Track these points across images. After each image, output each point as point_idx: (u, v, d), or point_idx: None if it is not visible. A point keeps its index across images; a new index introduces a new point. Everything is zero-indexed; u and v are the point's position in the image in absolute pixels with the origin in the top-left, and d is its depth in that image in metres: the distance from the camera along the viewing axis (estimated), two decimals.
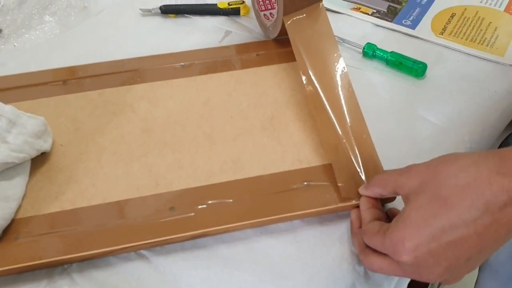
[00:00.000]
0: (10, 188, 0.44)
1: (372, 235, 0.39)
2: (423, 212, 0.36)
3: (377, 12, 0.66)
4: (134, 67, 0.57)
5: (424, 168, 0.38)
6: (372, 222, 0.41)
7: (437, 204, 0.35)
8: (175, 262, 0.42)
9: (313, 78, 0.51)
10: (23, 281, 0.41)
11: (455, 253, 0.35)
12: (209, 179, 0.46)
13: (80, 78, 0.56)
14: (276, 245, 0.43)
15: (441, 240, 0.35)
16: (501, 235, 0.35)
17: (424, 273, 0.37)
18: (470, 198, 0.34)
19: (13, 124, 0.46)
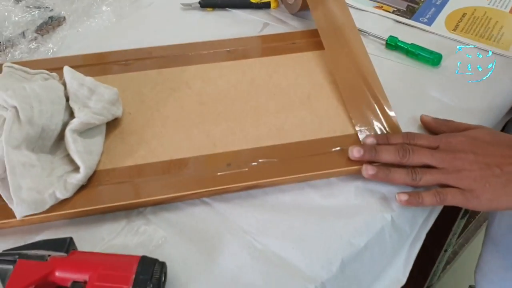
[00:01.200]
0: (93, 145, 0.52)
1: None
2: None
3: (397, 10, 0.75)
4: (185, 52, 0.65)
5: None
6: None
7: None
8: (234, 208, 0.50)
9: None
10: (106, 221, 0.49)
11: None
12: (258, 142, 0.55)
13: (140, 59, 0.64)
14: (316, 197, 0.51)
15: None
16: None
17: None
18: None
19: (93, 92, 0.54)
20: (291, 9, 0.73)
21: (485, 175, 0.48)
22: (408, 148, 0.51)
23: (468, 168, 0.49)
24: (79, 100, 0.53)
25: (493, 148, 0.50)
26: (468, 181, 0.49)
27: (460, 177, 0.49)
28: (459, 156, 0.50)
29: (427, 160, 0.50)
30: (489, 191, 0.48)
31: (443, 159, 0.50)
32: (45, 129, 0.50)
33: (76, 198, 0.49)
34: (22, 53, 0.65)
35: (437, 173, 0.50)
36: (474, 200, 0.48)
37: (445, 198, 0.49)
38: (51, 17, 0.70)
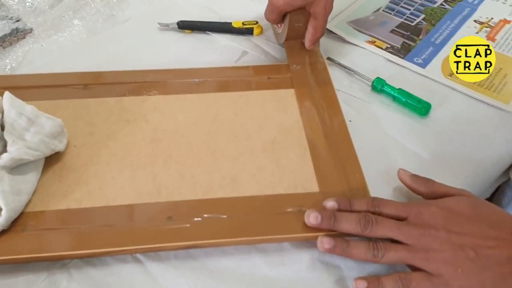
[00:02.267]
0: (23, 183, 0.47)
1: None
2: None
3: (391, 47, 0.68)
4: (152, 79, 0.60)
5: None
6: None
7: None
8: (167, 270, 0.45)
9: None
10: (25, 271, 0.44)
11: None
12: (207, 193, 0.49)
13: (100, 84, 0.59)
14: (263, 265, 0.45)
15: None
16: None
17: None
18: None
19: (32, 123, 0.49)
20: (278, 39, 0.67)
21: (458, 258, 0.42)
22: (372, 219, 0.44)
23: (438, 248, 0.42)
24: (15, 132, 0.48)
25: (471, 225, 0.43)
26: (436, 264, 0.42)
27: (428, 258, 0.42)
28: (429, 232, 0.43)
29: (391, 234, 0.44)
30: (461, 277, 0.41)
31: (410, 234, 0.43)
32: None
33: None
34: None
35: (402, 250, 0.43)
36: (443, 287, 0.41)
37: (408, 285, 0.42)
38: (16, 28, 0.65)
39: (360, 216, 0.45)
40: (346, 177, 0.50)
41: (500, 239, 0.42)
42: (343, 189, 0.50)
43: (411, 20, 0.74)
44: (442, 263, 0.42)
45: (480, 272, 0.41)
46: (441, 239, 0.42)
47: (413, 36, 0.70)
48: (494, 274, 0.41)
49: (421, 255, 0.42)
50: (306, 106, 0.58)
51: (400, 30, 0.72)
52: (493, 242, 0.42)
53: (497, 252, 0.41)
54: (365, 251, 0.44)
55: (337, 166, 0.51)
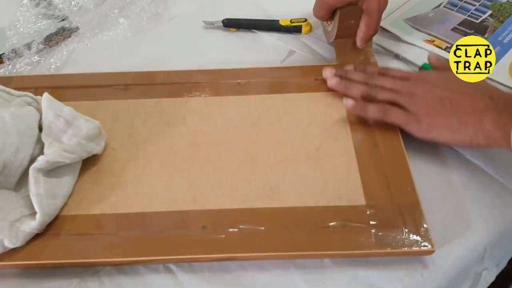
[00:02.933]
0: (59, 186, 0.47)
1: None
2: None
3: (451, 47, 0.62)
4: (192, 80, 0.58)
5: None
6: None
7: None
8: (200, 283, 0.43)
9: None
10: (57, 276, 0.43)
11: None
12: (245, 202, 0.46)
13: (141, 85, 0.58)
14: (302, 283, 0.42)
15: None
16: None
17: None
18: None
19: (70, 125, 0.49)
20: (328, 37, 0.64)
21: (434, 104, 0.48)
22: (376, 73, 0.54)
23: (421, 95, 0.49)
24: (52, 133, 0.48)
25: (458, 85, 0.49)
26: (416, 105, 0.49)
27: (410, 100, 0.49)
28: (418, 84, 0.50)
29: (388, 85, 0.52)
30: (431, 119, 0.48)
31: (402, 85, 0.51)
32: (8, 165, 0.45)
33: (28, 248, 0.43)
34: (24, 66, 0.61)
35: (392, 92, 0.51)
36: (414, 123, 0.49)
37: (387, 114, 0.50)
38: (61, 27, 0.65)
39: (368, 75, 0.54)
40: (397, 190, 0.46)
41: (476, 97, 0.47)
42: (392, 203, 0.45)
43: (476, 17, 0.67)
44: (420, 105, 0.49)
45: (448, 117, 0.47)
46: (426, 89, 0.50)
47: (478, 34, 0.64)
48: (458, 120, 0.46)
49: (406, 98, 0.50)
50: None
51: (463, 28, 0.66)
52: (468, 96, 0.47)
53: (467, 104, 0.47)
54: (362, 89, 0.53)
55: (386, 178, 0.47)
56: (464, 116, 0.46)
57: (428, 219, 0.44)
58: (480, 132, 0.45)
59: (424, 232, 0.43)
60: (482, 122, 0.45)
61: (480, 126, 0.45)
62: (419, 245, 0.42)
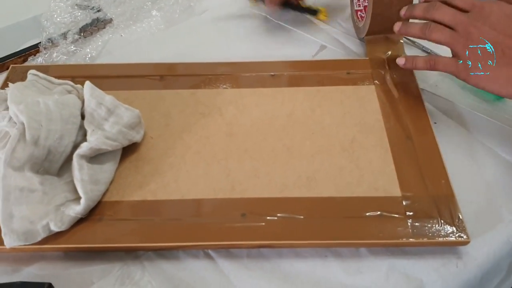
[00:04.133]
0: (101, 173, 0.48)
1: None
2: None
3: None
4: (226, 71, 0.59)
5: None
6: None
7: None
8: (239, 269, 0.43)
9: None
10: (101, 260, 0.45)
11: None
12: (282, 192, 0.47)
13: (176, 76, 0.59)
14: (339, 272, 0.43)
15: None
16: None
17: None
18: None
19: (111, 113, 0.50)
20: (359, 33, 0.64)
21: (487, 53, 0.47)
22: (435, 4, 0.50)
23: (476, 40, 0.47)
24: (95, 121, 0.49)
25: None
26: (469, 53, 0.47)
27: (465, 45, 0.48)
28: (476, 24, 0.48)
29: (447, 19, 0.49)
30: (481, 69, 0.47)
31: (462, 22, 0.48)
32: (52, 151, 0.47)
33: (72, 232, 0.45)
34: (60, 55, 0.63)
35: (448, 33, 0.49)
36: (463, 72, 0.48)
37: (437, 64, 0.50)
38: (96, 18, 0.67)
39: (428, 3, 0.51)
40: (431, 182, 0.47)
41: None
42: (428, 194, 0.46)
43: None
44: (472, 54, 0.47)
45: (499, 68, 0.46)
46: (483, 33, 0.47)
47: None
48: (508, 73, 0.46)
49: (462, 42, 0.48)
50: (387, 104, 0.54)
51: None
52: None
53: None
54: (418, 29, 0.51)
55: (420, 170, 0.48)
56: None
57: (462, 211, 0.45)
58: None
59: (459, 223, 0.44)
60: None
61: None
62: (454, 235, 0.43)
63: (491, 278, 0.46)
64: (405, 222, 0.44)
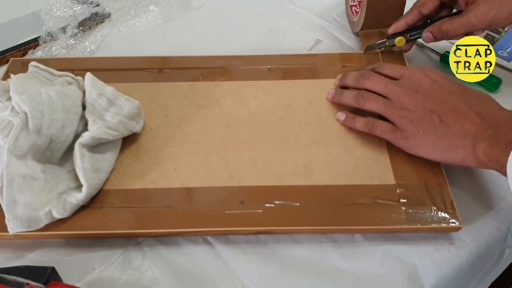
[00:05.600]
0: (102, 161, 0.49)
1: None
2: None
3: None
4: (224, 65, 0.60)
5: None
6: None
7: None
8: (237, 254, 0.45)
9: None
10: (102, 247, 0.46)
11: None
12: (280, 180, 0.48)
13: (175, 69, 0.60)
14: (335, 257, 0.44)
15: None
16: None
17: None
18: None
19: (112, 104, 0.51)
20: (353, 28, 0.66)
21: (424, 120, 0.46)
22: (365, 74, 0.52)
23: (411, 109, 0.47)
24: (96, 111, 0.50)
25: (449, 96, 0.46)
26: (405, 121, 0.47)
27: (399, 114, 0.48)
28: (409, 93, 0.48)
29: (378, 88, 0.50)
30: (419, 137, 0.47)
31: (394, 91, 0.49)
32: (54, 140, 0.47)
33: (74, 219, 0.46)
34: (59, 49, 0.63)
35: (382, 102, 0.49)
36: (402, 140, 0.48)
37: (375, 129, 0.50)
38: (95, 13, 0.68)
39: (361, 73, 0.53)
40: (424, 171, 0.48)
41: (468, 116, 0.44)
42: (421, 182, 0.47)
43: None
44: (410, 121, 0.47)
45: (438, 137, 0.45)
46: (417, 101, 0.47)
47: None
48: (449, 142, 0.45)
49: (396, 111, 0.48)
50: None
51: None
52: (459, 115, 0.45)
53: (458, 125, 0.44)
54: (351, 98, 0.52)
55: (414, 159, 0.49)
56: (454, 138, 0.44)
57: (454, 199, 0.46)
58: (472, 158, 0.44)
59: (452, 210, 0.45)
60: (474, 150, 0.43)
61: (472, 153, 0.43)
62: (447, 221, 0.44)
63: (483, 263, 0.47)
64: (399, 209, 0.45)
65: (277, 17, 0.70)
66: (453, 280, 0.44)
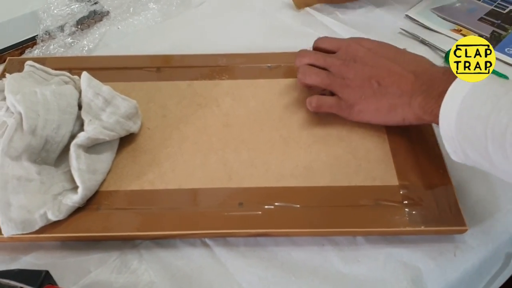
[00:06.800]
0: (98, 162, 0.48)
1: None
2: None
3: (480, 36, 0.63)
4: (223, 63, 0.59)
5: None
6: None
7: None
8: (236, 257, 0.43)
9: None
10: (98, 249, 0.45)
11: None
12: (279, 181, 0.47)
13: (173, 67, 0.59)
14: (336, 260, 0.43)
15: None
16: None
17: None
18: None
19: (108, 103, 0.50)
20: None
21: (364, 87, 0.48)
22: (301, 52, 0.54)
23: (351, 78, 0.49)
24: (92, 111, 0.49)
25: (385, 61, 0.48)
26: (347, 91, 0.49)
27: (341, 84, 0.50)
28: (348, 63, 0.50)
29: (319, 63, 0.52)
30: (362, 103, 0.49)
31: (333, 63, 0.51)
32: (49, 141, 0.47)
33: (70, 221, 0.45)
34: (57, 48, 0.62)
35: (324, 74, 0.51)
36: (346, 109, 0.50)
37: (320, 106, 0.51)
38: (93, 11, 0.67)
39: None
40: (429, 172, 0.47)
41: (403, 76, 0.46)
42: (425, 184, 0.46)
43: (502, 7, 0.68)
44: (351, 90, 0.49)
45: (378, 99, 0.48)
46: (356, 70, 0.49)
47: (504, 24, 0.65)
48: (388, 103, 0.47)
49: (338, 82, 0.50)
50: None
51: (490, 18, 0.66)
52: (395, 77, 0.47)
53: (395, 86, 0.46)
54: (312, 103, 0.51)
55: (418, 160, 0.48)
56: (393, 98, 0.47)
57: (460, 201, 0.45)
58: (410, 114, 0.46)
59: (456, 212, 0.44)
60: (411, 106, 0.45)
61: (409, 109, 0.45)
62: (451, 223, 0.43)
63: (489, 267, 0.46)
64: (402, 211, 0.44)
65: (278, 14, 0.69)
66: (458, 285, 0.43)
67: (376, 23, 0.67)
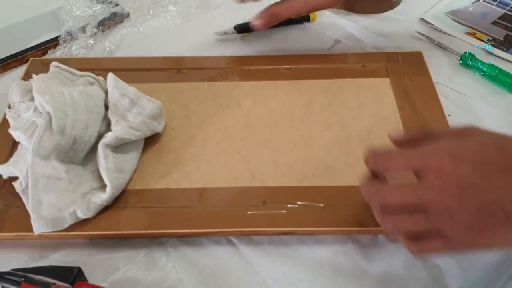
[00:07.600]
0: (125, 162, 0.49)
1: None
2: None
3: (492, 40, 0.64)
4: (244, 65, 0.60)
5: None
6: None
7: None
8: (261, 255, 0.44)
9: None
10: (126, 247, 0.46)
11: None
12: (302, 181, 0.48)
13: (194, 69, 0.60)
14: (359, 258, 0.44)
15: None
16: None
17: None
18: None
19: (134, 104, 0.51)
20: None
21: (482, 220, 0.34)
22: (382, 189, 0.39)
23: (460, 209, 0.34)
24: (118, 112, 0.50)
25: (500, 175, 0.34)
26: (456, 229, 0.35)
27: (452, 224, 0.35)
28: (451, 191, 0.34)
29: (407, 200, 0.36)
30: (485, 239, 0.35)
31: (430, 200, 0.35)
32: (77, 140, 0.48)
33: (98, 219, 0.46)
34: (79, 49, 0.64)
35: (423, 221, 0.36)
36: (461, 249, 0.39)
37: (422, 251, 0.38)
38: (114, 12, 0.68)
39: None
40: None
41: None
42: None
43: None
44: (467, 228, 0.35)
45: (505, 229, 0.33)
46: (462, 198, 0.34)
47: None
48: None
49: (440, 217, 0.35)
50: (402, 96, 0.55)
51: (503, 21, 0.67)
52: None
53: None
54: (383, 225, 0.39)
55: None
56: None
57: None
58: None
59: None
60: None
61: None
62: None
63: (508, 265, 0.47)
64: None
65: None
66: (477, 283, 0.44)
67: (392, 25, 0.68)
